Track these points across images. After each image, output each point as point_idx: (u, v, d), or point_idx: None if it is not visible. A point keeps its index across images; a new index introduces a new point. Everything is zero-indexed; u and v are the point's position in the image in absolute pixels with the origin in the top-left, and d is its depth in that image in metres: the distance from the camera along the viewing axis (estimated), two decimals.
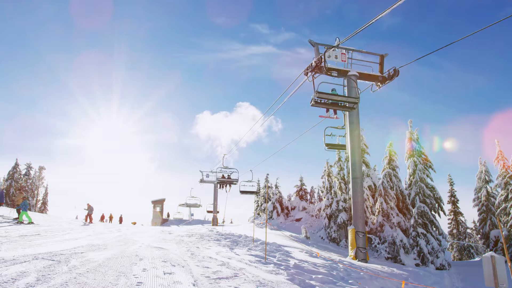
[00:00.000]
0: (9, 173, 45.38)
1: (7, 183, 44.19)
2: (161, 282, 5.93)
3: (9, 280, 5.07)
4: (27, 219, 16.59)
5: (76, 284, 5.25)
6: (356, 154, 15.93)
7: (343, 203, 25.76)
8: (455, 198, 36.04)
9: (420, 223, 21.54)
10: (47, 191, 49.56)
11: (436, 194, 23.20)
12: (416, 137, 24.30)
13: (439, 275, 16.30)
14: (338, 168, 27.22)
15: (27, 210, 17.14)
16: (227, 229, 21.00)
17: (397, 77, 16.43)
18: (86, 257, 7.62)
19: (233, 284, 6.22)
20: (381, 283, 9.38)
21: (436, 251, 20.71)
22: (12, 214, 18.79)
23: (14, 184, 44.49)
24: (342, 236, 25.19)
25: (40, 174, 48.99)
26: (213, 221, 37.34)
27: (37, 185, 48.12)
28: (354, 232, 15.09)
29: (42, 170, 49.31)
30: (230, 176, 35.78)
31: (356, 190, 15.70)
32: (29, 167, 47.84)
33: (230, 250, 10.86)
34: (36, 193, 47.62)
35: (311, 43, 15.91)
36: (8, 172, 45.55)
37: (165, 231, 17.68)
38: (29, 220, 16.58)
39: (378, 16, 11.30)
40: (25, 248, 8.24)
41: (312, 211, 31.94)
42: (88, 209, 23.13)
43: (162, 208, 45.39)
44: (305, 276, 7.70)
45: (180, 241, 12.65)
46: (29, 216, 16.87)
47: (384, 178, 23.07)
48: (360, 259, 14.43)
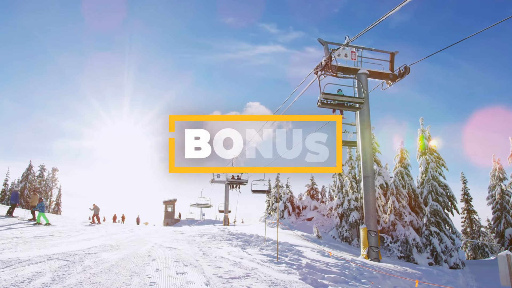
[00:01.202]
0: (23, 175, 46.11)
1: (22, 185, 44.90)
2: (174, 282, 5.96)
3: (25, 280, 5.16)
4: (44, 220, 16.88)
5: (91, 284, 5.32)
6: (367, 152, 15.83)
7: (354, 202, 25.61)
8: (469, 196, 35.55)
9: (433, 221, 21.33)
10: (60, 192, 50.14)
11: (449, 192, 22.95)
12: (428, 135, 24.07)
13: (453, 274, 16.10)
14: (349, 167, 27.07)
15: (44, 211, 17.43)
16: (239, 229, 21.01)
17: (408, 74, 16.34)
18: (99, 257, 7.70)
19: (246, 284, 6.23)
20: (394, 282, 9.30)
21: (449, 250, 20.48)
22: (27, 215, 19.07)
23: (28, 185, 45.19)
24: (354, 235, 25.04)
25: (54, 176, 49.59)
26: (224, 221, 37.42)
27: (50, 187, 48.72)
28: (366, 231, 15.00)
29: (55, 171, 49.90)
30: (240, 176, 35.98)
31: (367, 189, 15.60)
32: (43, 169, 48.47)
33: (242, 250, 10.87)
34: (50, 194, 48.20)
35: (320, 42, 15.84)
36: (22, 174, 46.31)
37: (177, 231, 17.77)
38: (46, 221, 16.87)
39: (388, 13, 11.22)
40: (40, 249, 8.36)
41: (323, 210, 31.80)
42: (94, 209, 22.95)
43: (173, 208, 45.63)
44: (317, 276, 7.68)
45: (192, 241, 12.70)
46: (46, 217, 17.18)
47: (396, 176, 22.88)
48: (373, 258, 14.33)
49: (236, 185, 36.45)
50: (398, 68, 16.54)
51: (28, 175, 46.25)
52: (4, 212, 19.45)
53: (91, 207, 22.91)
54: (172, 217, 44.53)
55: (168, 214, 44.71)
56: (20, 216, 18.63)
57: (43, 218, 16.90)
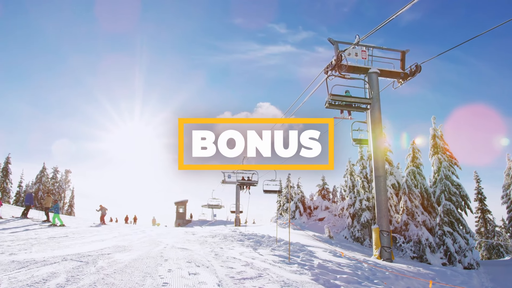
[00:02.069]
0: (37, 177, 46.85)
1: (35, 186, 45.61)
2: (186, 282, 5.99)
3: (41, 280, 5.23)
4: (59, 222, 17.14)
5: (104, 284, 5.37)
6: (378, 152, 15.73)
7: (366, 202, 25.44)
8: (482, 195, 35.05)
9: (446, 221, 21.08)
10: (73, 194, 50.77)
11: (462, 192, 22.64)
12: (440, 133, 23.80)
13: (467, 274, 15.89)
14: (360, 167, 26.93)
15: (59, 213, 17.70)
16: (250, 230, 21.03)
17: (419, 73, 16.22)
18: (112, 258, 7.77)
19: (258, 285, 6.23)
20: (407, 282, 9.22)
21: (463, 250, 20.22)
22: (41, 217, 19.32)
23: (42, 187, 45.87)
24: (366, 235, 24.88)
25: (67, 177, 50.21)
26: (235, 221, 37.48)
27: (63, 188, 49.34)
28: (378, 231, 14.89)
29: (68, 173, 50.53)
30: (250, 178, 36.11)
31: (379, 189, 15.49)
32: (56, 171, 49.14)
33: (254, 251, 10.88)
34: (63, 196, 48.81)
35: (330, 41, 15.81)
36: (36, 175, 47.05)
37: (189, 232, 17.85)
38: (61, 223, 17.14)
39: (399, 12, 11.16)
40: (54, 250, 8.47)
41: (335, 210, 31.67)
42: (101, 210, 22.73)
43: (185, 209, 45.82)
44: (329, 276, 7.64)
45: (203, 242, 12.75)
46: (60, 218, 17.43)
47: (408, 176, 22.68)
48: (385, 259, 14.23)
49: (246, 186, 36.59)
50: (409, 67, 16.43)
51: (42, 177, 46.95)
52: (19, 213, 19.75)
53: (98, 208, 22.83)
54: (183, 218, 44.70)
55: (180, 215, 44.89)
56: (34, 218, 18.87)
57: (58, 220, 17.16)
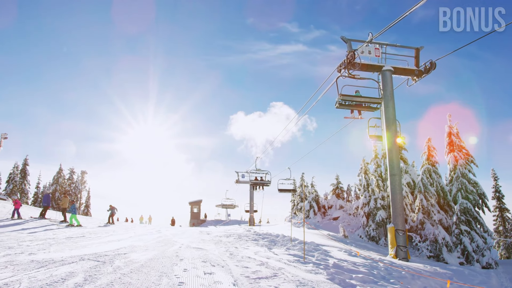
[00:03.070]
0: (54, 178, 47.78)
1: (53, 187, 46.49)
2: (202, 282, 6.02)
3: (59, 280, 5.32)
4: (76, 222, 17.42)
5: (121, 284, 5.43)
6: (393, 150, 15.57)
7: (381, 200, 25.23)
8: (500, 193, 34.40)
9: (463, 220, 20.78)
10: (89, 195, 51.54)
11: (479, 190, 22.27)
12: (456, 131, 23.45)
13: (485, 274, 15.62)
14: (375, 165, 26.73)
15: (76, 214, 17.98)
16: (264, 229, 21.01)
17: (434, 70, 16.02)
18: (129, 258, 7.86)
19: (273, 284, 6.23)
20: (424, 282, 9.10)
21: (481, 249, 19.90)
22: (59, 217, 19.64)
23: (58, 188, 46.70)
24: (381, 234, 24.66)
25: (83, 178, 50.97)
26: (250, 221, 37.58)
27: (80, 189, 50.09)
28: (394, 230, 14.74)
29: (84, 174, 51.29)
30: (263, 178, 36.27)
31: (394, 187, 15.33)
32: (72, 172, 49.97)
33: (268, 250, 10.87)
34: (79, 196, 49.56)
35: (343, 39, 15.72)
36: (53, 177, 48.00)
37: (203, 232, 17.93)
38: (77, 223, 17.43)
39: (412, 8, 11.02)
40: (72, 250, 8.61)
41: (349, 209, 31.50)
42: (111, 209, 22.61)
43: (199, 209, 46.08)
44: (345, 276, 7.59)
45: (218, 242, 12.79)
46: (77, 219, 17.72)
47: (423, 174, 22.42)
48: (401, 258, 14.08)
49: (259, 187, 36.73)
50: (424, 64, 16.24)
51: (59, 178, 47.85)
52: (37, 214, 20.14)
53: (108, 208, 22.85)
54: (198, 218, 44.99)
55: (194, 215, 45.20)
56: (52, 218, 19.21)
57: (75, 220, 17.45)
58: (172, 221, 40.13)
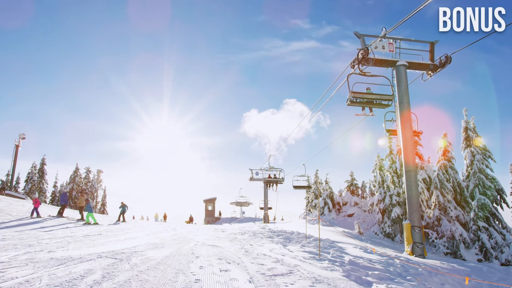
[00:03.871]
0: (71, 177, 48.63)
1: (69, 186, 47.33)
2: (218, 279, 6.05)
3: (78, 277, 5.41)
4: (93, 220, 17.71)
5: (138, 281, 5.49)
6: (408, 146, 15.38)
7: (396, 197, 24.98)
8: None
9: (480, 216, 20.44)
10: (105, 193, 52.22)
11: (497, 186, 21.86)
12: (473, 126, 23.04)
13: (505, 271, 15.36)
14: (390, 161, 26.45)
15: (92, 212, 18.28)
16: (279, 226, 21.00)
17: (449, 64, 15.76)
18: (145, 255, 7.94)
19: (289, 281, 6.22)
20: (441, 279, 9.00)
21: (500, 246, 19.57)
22: (76, 215, 19.97)
23: (75, 187, 47.52)
24: (396, 231, 24.43)
25: (99, 177, 51.67)
26: (264, 218, 37.61)
27: (96, 188, 50.81)
28: (410, 227, 14.58)
29: (100, 173, 52.02)
30: (276, 175, 36.30)
31: (410, 183, 15.15)
32: (88, 171, 50.71)
33: (283, 247, 10.87)
34: (96, 195, 50.28)
35: (356, 35, 15.57)
36: (70, 176, 48.88)
37: (218, 229, 18.02)
38: (94, 221, 17.73)
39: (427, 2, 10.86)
40: (90, 247, 8.74)
41: (364, 206, 31.28)
42: (122, 207, 22.54)
43: (213, 207, 46.28)
44: (361, 273, 7.55)
45: (233, 239, 12.84)
46: (94, 217, 18.01)
47: (439, 170, 22.13)
48: (417, 255, 13.92)
49: (272, 184, 36.76)
50: (439, 58, 15.97)
51: (75, 177, 48.65)
52: (55, 212, 20.51)
53: (120, 206, 22.91)
54: (212, 216, 45.18)
55: (209, 213, 45.40)
56: (69, 216, 19.56)
57: (91, 218, 17.73)
58: (190, 219, 40.51)
